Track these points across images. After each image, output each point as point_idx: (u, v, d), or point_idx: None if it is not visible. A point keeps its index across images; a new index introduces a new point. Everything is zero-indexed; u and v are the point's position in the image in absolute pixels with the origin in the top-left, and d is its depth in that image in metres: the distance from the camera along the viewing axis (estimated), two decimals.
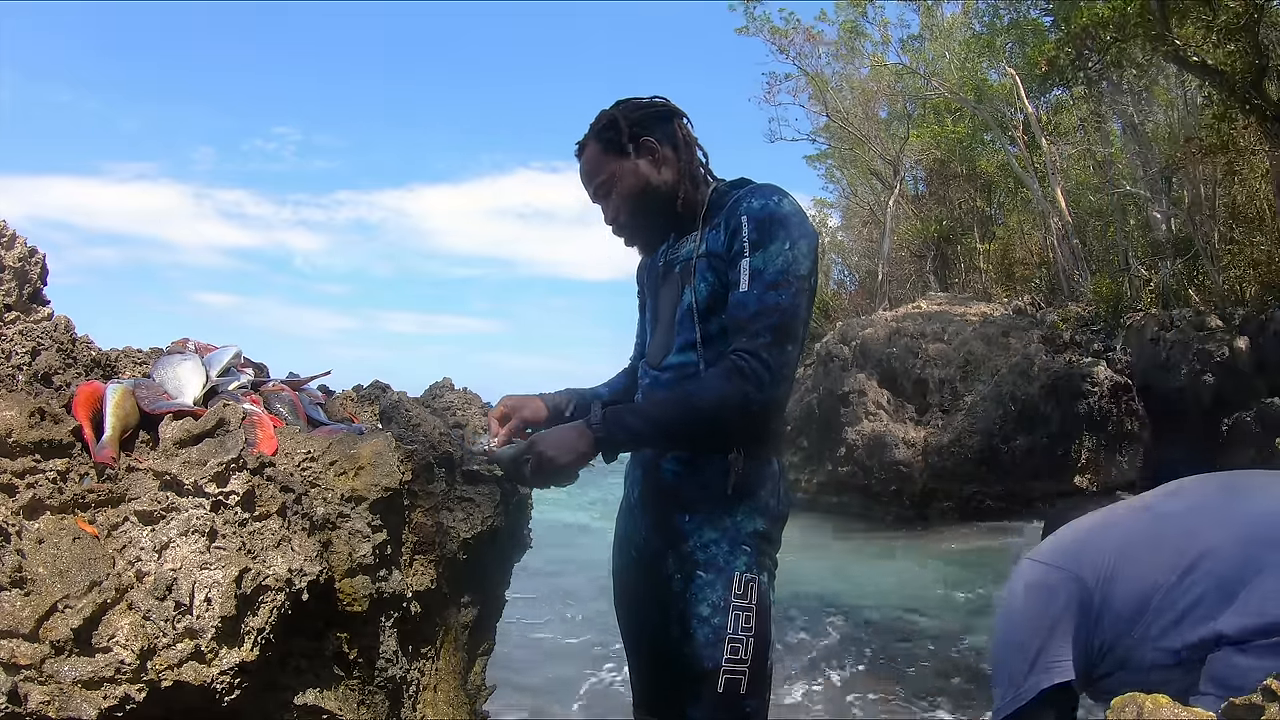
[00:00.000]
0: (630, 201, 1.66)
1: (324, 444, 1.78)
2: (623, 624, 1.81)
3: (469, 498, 2.28)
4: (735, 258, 1.50)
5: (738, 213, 1.52)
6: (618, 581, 1.82)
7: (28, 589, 1.23)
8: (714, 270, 1.57)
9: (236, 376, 1.96)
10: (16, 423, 1.37)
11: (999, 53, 15.38)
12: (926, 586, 7.05)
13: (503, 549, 2.49)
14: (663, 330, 1.69)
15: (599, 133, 1.68)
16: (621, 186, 1.66)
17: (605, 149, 1.67)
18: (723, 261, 1.55)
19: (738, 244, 1.49)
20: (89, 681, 1.23)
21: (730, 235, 1.52)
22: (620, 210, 1.68)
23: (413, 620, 1.84)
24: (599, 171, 1.67)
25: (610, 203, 1.68)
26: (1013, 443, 10.31)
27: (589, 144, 1.69)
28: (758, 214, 1.49)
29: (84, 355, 1.79)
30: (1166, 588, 1.27)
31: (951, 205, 20.17)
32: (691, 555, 1.56)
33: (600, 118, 1.70)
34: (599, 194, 1.70)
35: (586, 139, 1.70)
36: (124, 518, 1.39)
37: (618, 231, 1.72)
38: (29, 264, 1.83)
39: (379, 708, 1.71)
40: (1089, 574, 1.38)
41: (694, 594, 1.53)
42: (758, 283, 1.46)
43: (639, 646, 1.77)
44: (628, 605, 1.77)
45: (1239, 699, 0.70)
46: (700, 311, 1.57)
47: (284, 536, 1.46)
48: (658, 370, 1.68)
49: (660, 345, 1.69)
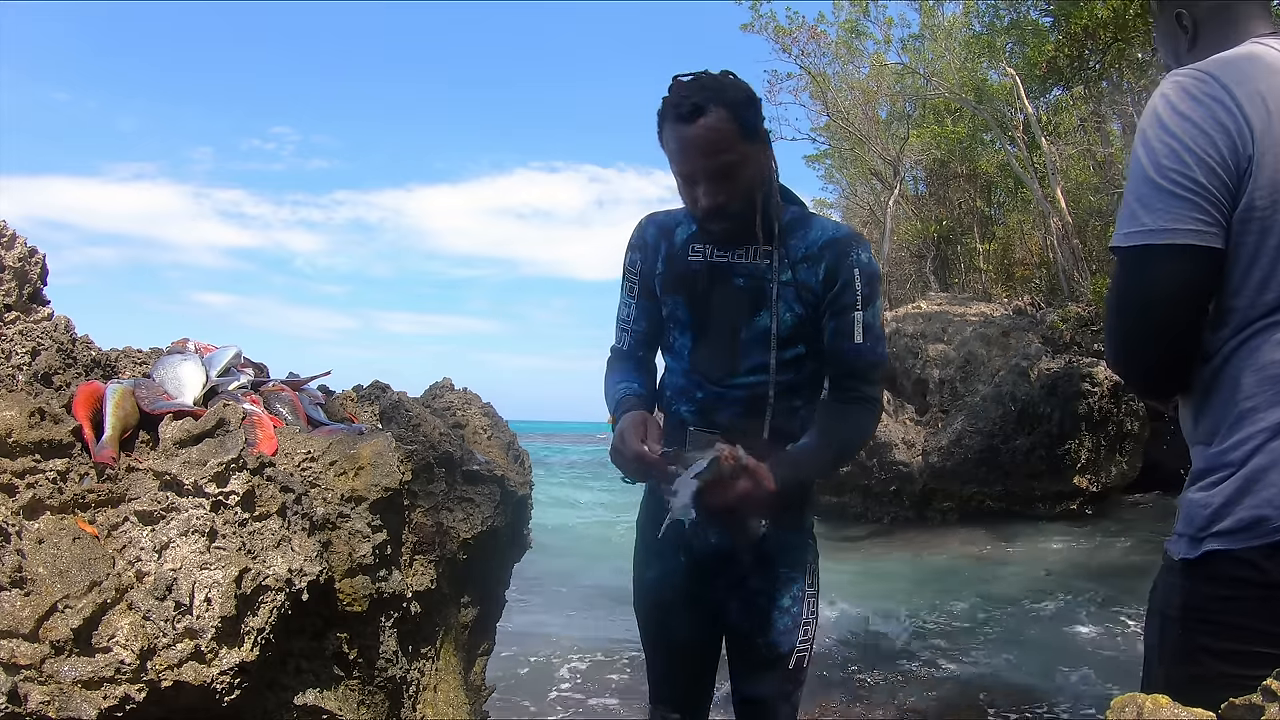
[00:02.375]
0: (746, 191, 1.54)
1: (324, 444, 1.78)
2: (655, 625, 1.77)
3: (469, 498, 2.28)
4: (845, 307, 1.58)
5: (848, 263, 1.57)
6: (655, 587, 1.76)
7: (28, 589, 1.23)
8: (801, 302, 1.59)
9: (236, 376, 1.96)
10: (16, 423, 1.37)
11: (999, 53, 15.39)
12: (926, 587, 7.05)
13: (503, 549, 2.49)
14: (721, 342, 1.64)
15: (736, 105, 1.49)
16: (746, 172, 1.53)
17: (739, 124, 1.49)
18: (815, 298, 1.59)
19: (850, 295, 1.58)
20: (89, 681, 1.23)
21: (841, 285, 1.58)
22: (733, 196, 1.53)
23: (413, 620, 1.84)
24: (727, 148, 1.49)
25: (722, 185, 1.52)
26: (1013, 443, 10.30)
27: (716, 111, 1.47)
28: (867, 269, 1.59)
29: (84, 355, 1.79)
30: None
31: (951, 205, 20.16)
32: (772, 554, 1.67)
33: (726, 84, 1.51)
34: (716, 172, 1.51)
35: (708, 103, 1.47)
36: (124, 518, 1.39)
37: (711, 220, 1.56)
38: (29, 264, 1.83)
39: (379, 708, 1.71)
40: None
41: (777, 589, 1.67)
42: (870, 336, 1.59)
43: (674, 645, 1.76)
44: (666, 607, 1.74)
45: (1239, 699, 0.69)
46: (780, 338, 1.60)
47: (284, 536, 1.46)
48: (720, 387, 1.63)
49: (722, 360, 1.63)
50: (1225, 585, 1.07)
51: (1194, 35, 1.24)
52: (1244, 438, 1.07)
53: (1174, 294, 1.10)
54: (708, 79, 1.52)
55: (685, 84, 1.51)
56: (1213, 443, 1.12)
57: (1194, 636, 1.10)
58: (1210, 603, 1.09)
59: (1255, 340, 1.08)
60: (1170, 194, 1.07)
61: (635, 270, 1.74)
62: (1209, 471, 1.12)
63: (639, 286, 1.74)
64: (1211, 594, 1.09)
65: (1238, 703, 0.68)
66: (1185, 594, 1.12)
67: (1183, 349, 1.13)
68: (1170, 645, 1.14)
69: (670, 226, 1.71)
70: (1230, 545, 1.07)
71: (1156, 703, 0.72)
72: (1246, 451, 1.07)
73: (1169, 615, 1.15)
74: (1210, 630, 1.08)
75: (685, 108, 1.48)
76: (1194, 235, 1.06)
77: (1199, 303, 1.11)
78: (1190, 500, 1.14)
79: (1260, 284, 1.07)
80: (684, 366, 1.70)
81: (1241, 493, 1.06)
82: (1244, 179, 1.06)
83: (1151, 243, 1.08)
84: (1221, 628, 1.07)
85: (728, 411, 1.63)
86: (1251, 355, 1.08)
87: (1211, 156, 1.06)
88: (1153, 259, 1.09)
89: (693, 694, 1.77)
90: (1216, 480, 1.10)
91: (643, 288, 1.74)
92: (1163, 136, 1.09)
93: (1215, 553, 1.08)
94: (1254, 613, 1.04)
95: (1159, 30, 1.32)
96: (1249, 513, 1.05)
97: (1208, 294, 1.10)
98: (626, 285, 1.76)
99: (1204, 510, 1.10)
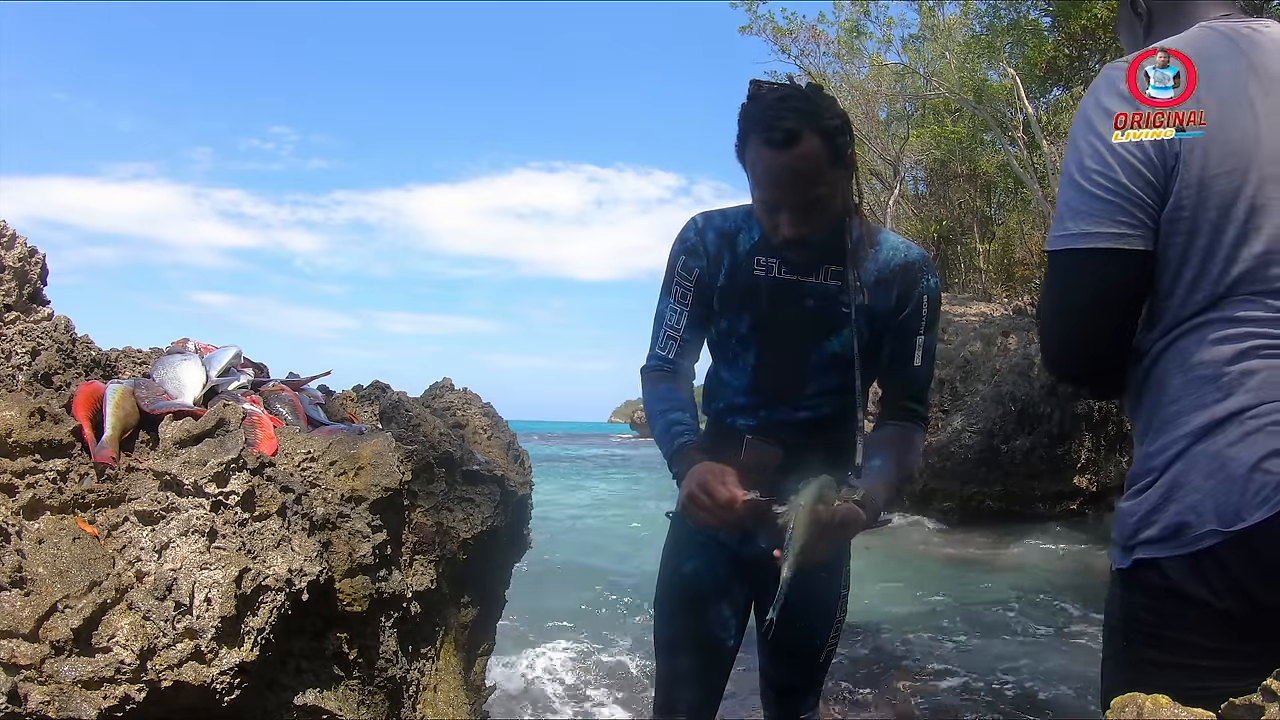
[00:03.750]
0: (831, 220, 1.48)
1: (324, 444, 1.78)
2: (687, 620, 1.72)
3: (469, 498, 2.28)
4: (910, 331, 1.59)
5: (919, 289, 1.57)
6: (691, 581, 1.71)
7: (28, 589, 1.23)
8: (870, 325, 1.58)
9: (236, 376, 1.96)
10: (16, 423, 1.37)
11: (999, 53, 15.39)
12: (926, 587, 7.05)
13: (503, 549, 2.49)
14: (788, 363, 1.60)
15: (829, 132, 1.40)
16: (834, 203, 1.46)
17: (832, 154, 1.41)
18: (882, 321, 1.58)
19: (915, 321, 1.58)
20: (89, 681, 1.22)
21: (913, 309, 1.58)
22: (817, 227, 1.46)
23: (413, 620, 1.84)
24: (819, 180, 1.41)
25: (808, 217, 1.44)
26: (1013, 443, 10.30)
27: (810, 140, 1.38)
28: (935, 295, 1.60)
29: (84, 355, 1.79)
30: None
31: (951, 205, 20.18)
32: None
33: (822, 108, 1.41)
34: (804, 204, 1.43)
35: (803, 128, 1.37)
36: (124, 518, 1.39)
37: (791, 248, 1.49)
38: (29, 264, 1.83)
39: (379, 708, 1.71)
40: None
41: (817, 589, 1.67)
42: (928, 359, 1.61)
43: (703, 641, 1.71)
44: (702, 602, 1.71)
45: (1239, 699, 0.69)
46: (846, 361, 1.57)
47: (284, 536, 1.46)
48: (784, 409, 1.61)
49: (789, 382, 1.60)
50: (1156, 596, 1.04)
51: (1149, 22, 1.20)
52: (1168, 442, 1.04)
53: (1098, 297, 1.08)
54: (800, 99, 1.41)
55: (776, 102, 1.40)
56: (1144, 445, 1.09)
57: (1137, 649, 1.07)
58: (1146, 614, 1.05)
59: (1183, 341, 1.05)
60: (1093, 196, 1.05)
61: (692, 277, 1.61)
62: (1137, 477, 1.08)
63: (694, 294, 1.62)
64: (1146, 604, 1.05)
65: (1238, 703, 0.68)
66: (1125, 605, 1.09)
67: (1111, 351, 1.11)
68: (1117, 656, 1.11)
69: (732, 233, 1.59)
70: (1156, 554, 1.03)
71: (1156, 703, 0.72)
72: (1169, 456, 1.03)
73: (1114, 626, 1.12)
74: (1153, 643, 1.04)
75: (778, 133, 1.37)
76: (1115, 239, 1.04)
77: (1126, 306, 1.08)
78: (1121, 508, 1.10)
79: (1191, 284, 1.04)
80: (744, 384, 1.63)
81: (1165, 499, 1.03)
82: (1171, 177, 1.02)
83: (1075, 247, 1.06)
84: (1163, 641, 1.03)
85: (789, 432, 1.60)
86: (1179, 356, 1.05)
87: (1135, 156, 1.03)
88: (1076, 263, 1.07)
89: (711, 697, 1.73)
90: (1143, 487, 1.06)
91: (698, 296, 1.62)
92: (1088, 136, 1.07)
93: (1143, 561, 1.04)
94: (1191, 627, 1.00)
95: (1120, 19, 1.28)
96: (1172, 519, 1.01)
97: (1137, 297, 1.08)
98: (678, 291, 1.63)
99: (1130, 518, 1.07)
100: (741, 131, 1.45)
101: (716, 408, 1.70)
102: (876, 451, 1.56)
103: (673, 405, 1.60)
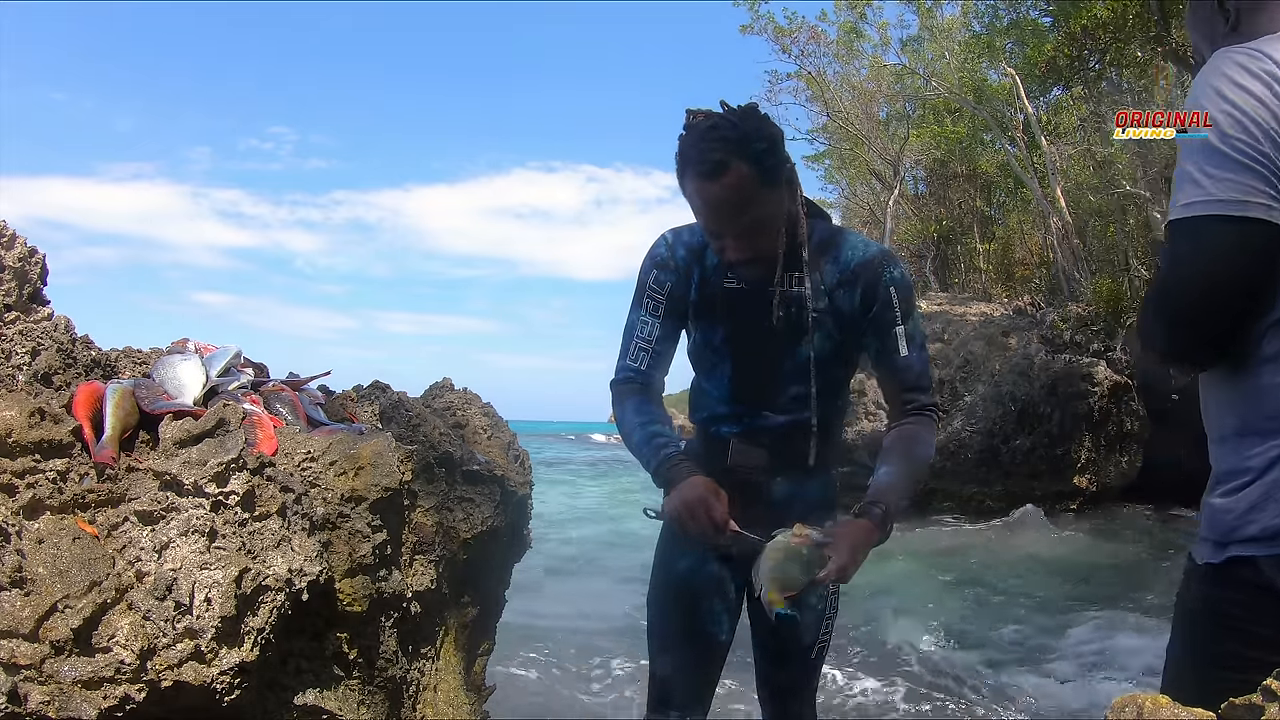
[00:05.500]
0: (773, 234, 1.52)
1: (324, 444, 1.78)
2: (679, 617, 1.75)
3: (469, 498, 2.28)
4: (886, 324, 1.60)
5: (882, 283, 1.59)
6: (685, 579, 1.74)
7: (28, 589, 1.23)
8: (839, 327, 1.61)
9: (236, 376, 1.96)
10: (16, 423, 1.37)
11: (998, 53, 15.40)
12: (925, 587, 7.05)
13: (503, 549, 2.49)
14: (763, 371, 1.64)
15: (757, 156, 1.44)
16: (773, 220, 1.51)
17: (762, 176, 1.45)
18: (850, 322, 1.61)
19: (889, 314, 1.60)
20: (89, 681, 1.22)
21: (882, 303, 1.59)
22: (760, 245, 1.51)
23: (413, 620, 1.84)
24: (752, 203, 1.45)
25: (748, 238, 1.49)
26: (1013, 443, 10.31)
27: (738, 166, 1.42)
28: (901, 285, 1.61)
29: (84, 355, 1.79)
30: None
31: (951, 205, 20.17)
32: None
33: (748, 133, 1.44)
34: (742, 229, 1.48)
35: (730, 157, 1.42)
36: (124, 518, 1.39)
37: (740, 267, 1.56)
38: (29, 264, 1.83)
39: (379, 708, 1.71)
40: None
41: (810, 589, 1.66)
42: (914, 346, 1.61)
43: (696, 638, 1.74)
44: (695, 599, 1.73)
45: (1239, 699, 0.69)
46: (817, 364, 1.62)
47: (284, 536, 1.46)
48: (764, 415, 1.66)
49: (765, 389, 1.65)
50: (1250, 593, 1.05)
51: (1236, 21, 1.17)
52: (1271, 445, 1.03)
53: (1241, 269, 0.99)
54: (726, 126, 1.44)
55: (704, 133, 1.44)
56: (1237, 443, 1.08)
57: (1221, 643, 1.08)
58: (1236, 609, 1.06)
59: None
60: (1238, 163, 0.97)
61: (664, 291, 1.67)
62: (1232, 475, 1.08)
63: (665, 308, 1.67)
64: (1238, 599, 1.06)
65: (1238, 703, 0.68)
66: (1212, 599, 1.10)
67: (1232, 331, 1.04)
68: (1197, 648, 1.12)
69: (700, 248, 1.65)
70: (1254, 552, 1.04)
71: (1156, 703, 0.72)
72: (1270, 459, 1.03)
73: (1194, 620, 1.13)
74: (1240, 638, 1.05)
75: (706, 165, 1.42)
76: (1265, 210, 0.96)
77: (1257, 285, 1.00)
78: (1214, 505, 1.10)
79: None
80: (724, 393, 1.69)
81: (1266, 498, 1.03)
82: None
83: (1219, 213, 0.98)
84: (1251, 637, 1.04)
85: (771, 438, 1.66)
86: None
87: (1276, 131, 0.96)
88: (1218, 230, 0.98)
89: (704, 694, 1.76)
90: (1240, 485, 1.06)
91: (670, 309, 1.67)
92: (1223, 107, 1.00)
93: (1239, 559, 1.05)
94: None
95: (1194, 14, 1.26)
96: (1272, 520, 1.02)
97: (1268, 278, 0.99)
98: (650, 304, 1.68)
99: (1227, 516, 1.07)
100: (678, 165, 1.50)
101: (701, 417, 1.76)
102: (881, 462, 1.60)
103: (652, 419, 1.65)
